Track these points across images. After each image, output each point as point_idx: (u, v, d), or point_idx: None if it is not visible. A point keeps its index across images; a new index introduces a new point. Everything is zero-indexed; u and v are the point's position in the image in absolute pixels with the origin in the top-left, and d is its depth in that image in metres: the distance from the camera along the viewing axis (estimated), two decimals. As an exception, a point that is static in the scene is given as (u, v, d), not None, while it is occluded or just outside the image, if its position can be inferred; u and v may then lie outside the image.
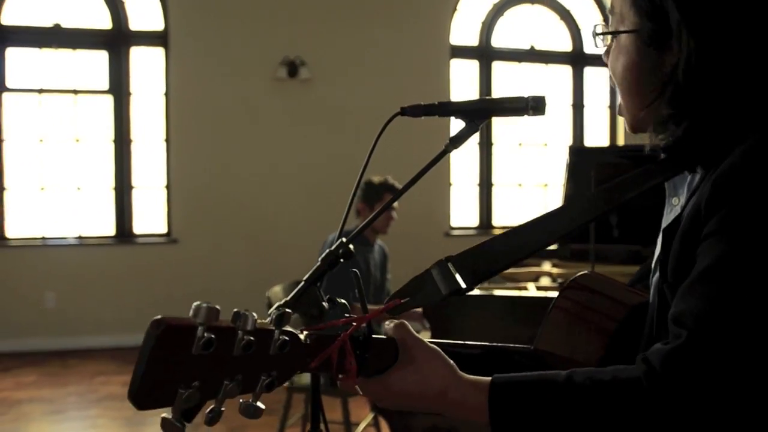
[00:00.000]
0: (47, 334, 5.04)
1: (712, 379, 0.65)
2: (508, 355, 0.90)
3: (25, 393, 4.07)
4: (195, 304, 0.61)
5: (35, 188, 5.26)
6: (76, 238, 5.29)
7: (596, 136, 6.43)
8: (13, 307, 5.02)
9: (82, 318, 5.12)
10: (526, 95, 1.08)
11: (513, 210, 6.22)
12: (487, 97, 1.08)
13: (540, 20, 6.19)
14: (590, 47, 6.23)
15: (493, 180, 6.15)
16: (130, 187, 5.38)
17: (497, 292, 2.44)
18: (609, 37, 0.85)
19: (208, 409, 0.63)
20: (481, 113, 1.08)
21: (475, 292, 2.36)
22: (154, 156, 5.41)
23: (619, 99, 0.89)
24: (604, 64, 0.94)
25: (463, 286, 0.78)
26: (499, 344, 0.90)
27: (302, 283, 1.09)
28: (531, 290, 2.40)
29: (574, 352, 0.85)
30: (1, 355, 4.81)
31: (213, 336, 0.59)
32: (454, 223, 5.98)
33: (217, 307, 0.61)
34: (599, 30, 0.87)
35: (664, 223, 0.84)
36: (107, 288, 5.19)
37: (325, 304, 1.11)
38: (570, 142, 6.34)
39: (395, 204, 3.09)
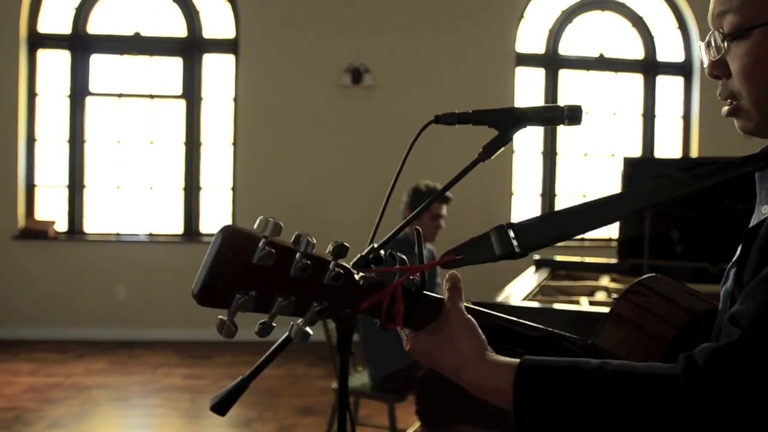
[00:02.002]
0: (117, 325, 5.32)
1: (757, 381, 0.61)
2: (563, 344, 0.87)
3: (93, 379, 4.30)
4: (261, 217, 0.65)
5: (112, 187, 5.56)
6: (147, 235, 5.55)
7: (667, 147, 6.18)
8: (87, 297, 5.32)
9: (150, 311, 5.37)
10: (562, 104, 1.06)
11: (576, 222, 6.06)
12: (522, 106, 1.07)
13: (610, 27, 6.02)
14: (663, 55, 6.04)
15: (556, 190, 6.02)
16: (199, 188, 5.61)
17: (554, 305, 2.38)
18: (723, 44, 0.77)
19: (260, 321, 0.67)
20: (514, 122, 1.07)
21: (527, 304, 2.33)
22: (221, 158, 5.62)
23: (728, 104, 0.82)
24: (679, 73, 0.88)
25: (517, 250, 0.79)
26: (558, 331, 0.88)
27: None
28: (583, 305, 2.34)
29: (630, 354, 0.83)
30: (75, 342, 5.11)
31: (273, 250, 0.63)
32: (514, 233, 5.88)
33: (281, 224, 0.65)
34: (719, 34, 0.77)
35: (751, 223, 0.80)
36: (174, 284, 5.41)
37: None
38: (640, 153, 6.12)
39: (443, 212, 3.08)
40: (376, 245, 1.14)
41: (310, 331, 0.69)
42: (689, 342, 0.81)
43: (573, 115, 1.05)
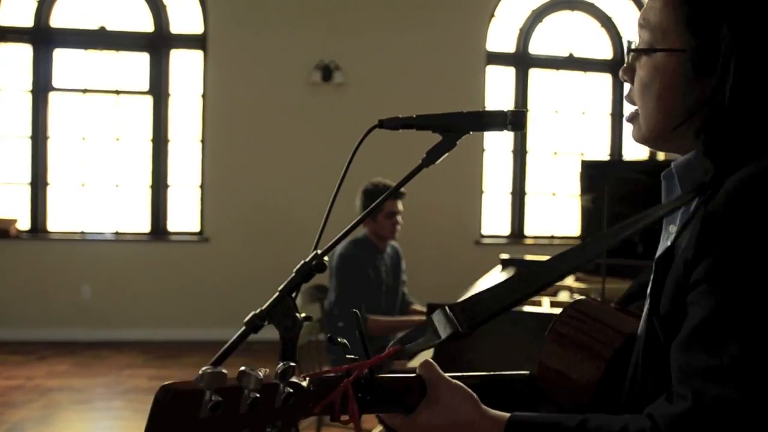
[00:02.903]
0: (82, 325, 5.22)
1: None
2: (506, 384, 0.93)
3: (56, 381, 4.22)
4: (202, 369, 0.63)
5: (76, 184, 5.45)
6: (113, 233, 5.46)
7: (635, 146, 6.26)
8: (51, 297, 5.21)
9: (116, 311, 5.28)
10: (505, 110, 1.06)
11: (545, 219, 6.12)
12: (466, 112, 1.06)
13: (580, 27, 6.07)
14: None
15: (527, 189, 6.06)
16: (166, 186, 5.52)
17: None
18: (633, 54, 0.84)
19: None
20: (458, 128, 1.07)
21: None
22: (189, 156, 5.54)
23: (631, 109, 0.87)
24: None
25: (461, 329, 0.80)
26: (497, 373, 0.94)
27: (276, 293, 1.10)
28: (545, 306, 2.35)
29: (572, 377, 0.87)
30: (37, 343, 5.01)
31: (220, 399, 0.62)
32: (485, 231, 5.92)
33: (224, 371, 0.63)
34: (635, 46, 0.83)
35: (659, 251, 0.83)
36: (140, 283, 5.34)
37: (298, 315, 1.12)
38: (608, 151, 6.20)
39: (399, 208, 3.07)
40: (320, 251, 1.13)
41: None
42: (624, 359, 0.86)
43: (516, 121, 1.05)
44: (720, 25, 0.74)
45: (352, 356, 0.82)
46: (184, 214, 5.57)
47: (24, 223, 5.37)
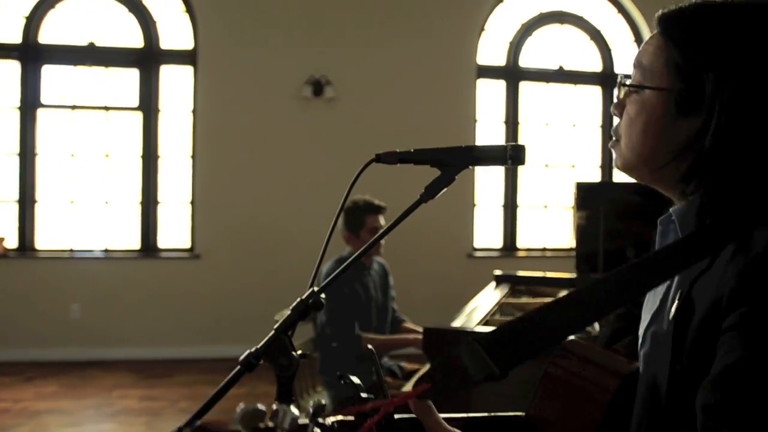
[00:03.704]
0: (71, 345, 5.14)
1: None
2: (502, 425, 0.92)
3: (44, 404, 4.14)
4: (240, 407, 0.63)
5: (65, 201, 5.39)
6: (102, 251, 5.40)
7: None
8: (39, 316, 5.14)
9: (105, 330, 5.21)
10: (505, 144, 1.05)
11: (537, 232, 6.12)
12: (465, 146, 1.05)
13: (569, 40, 6.11)
14: (620, 68, 6.15)
15: (518, 201, 6.07)
16: (156, 203, 5.48)
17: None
18: (626, 89, 0.87)
19: None
20: (457, 162, 1.05)
21: (478, 328, 2.31)
22: (180, 172, 5.50)
23: (615, 140, 0.89)
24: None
25: (497, 372, 0.71)
26: (491, 414, 0.92)
27: (272, 332, 1.07)
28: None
29: (568, 421, 0.87)
30: (25, 364, 4.93)
31: None
32: (477, 244, 5.91)
33: (262, 408, 0.63)
34: (626, 81, 0.87)
35: (653, 303, 0.84)
36: (131, 301, 5.28)
37: (294, 353, 1.09)
38: (599, 163, 6.22)
39: (381, 224, 3.06)
40: (316, 289, 1.10)
41: None
42: (621, 403, 0.85)
43: (516, 155, 1.04)
44: (706, 72, 0.77)
45: (366, 395, 0.81)
46: (175, 231, 5.52)
47: (11, 241, 5.30)
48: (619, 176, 6.08)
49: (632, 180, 0.96)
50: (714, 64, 0.76)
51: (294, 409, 0.66)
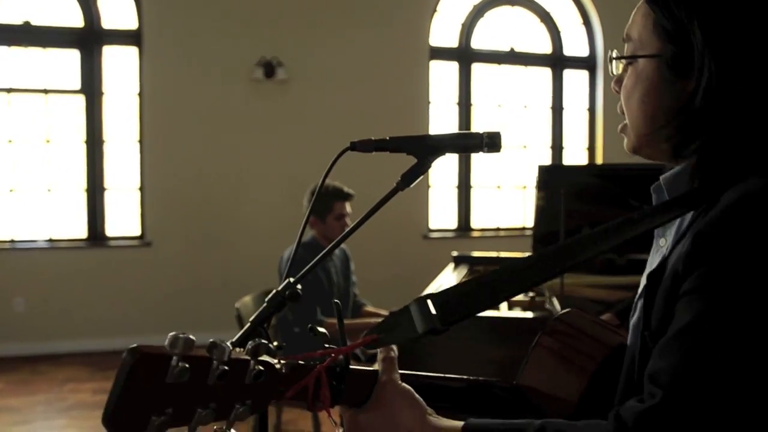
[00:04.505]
0: (16, 340, 4.94)
1: None
2: (489, 390, 0.92)
3: (-9, 402, 3.98)
4: (171, 334, 0.61)
5: (4, 190, 5.13)
6: (46, 241, 5.18)
7: (575, 139, 6.44)
8: (-19, 311, 4.90)
9: (53, 323, 5.03)
10: (481, 131, 1.05)
11: (491, 212, 6.22)
12: (440, 134, 1.04)
13: (520, 22, 6.17)
14: (569, 49, 6.26)
15: (472, 182, 6.14)
16: (103, 189, 5.28)
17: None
18: (622, 64, 0.85)
19: None
20: (432, 150, 1.05)
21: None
22: (127, 157, 5.31)
23: (623, 121, 0.86)
24: (584, 67, 0.91)
25: (440, 326, 0.75)
26: (482, 378, 0.92)
27: (248, 324, 1.05)
28: (502, 310, 2.38)
29: (556, 389, 0.87)
30: (-33, 361, 4.71)
31: (187, 365, 0.60)
32: (432, 225, 5.96)
33: (192, 337, 0.61)
34: (616, 54, 0.85)
35: (650, 266, 0.83)
36: (79, 292, 5.10)
37: (272, 345, 1.07)
38: (549, 143, 6.34)
39: (347, 210, 3.05)
40: (292, 280, 1.08)
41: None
42: (609, 373, 0.86)
43: (492, 142, 1.04)
44: (691, 27, 0.75)
45: (329, 345, 0.80)
46: (123, 218, 5.34)
47: (-53, 233, 5.03)
48: (570, 157, 6.24)
49: (590, 162, 0.94)
50: (699, 18, 0.75)
51: (230, 344, 0.64)
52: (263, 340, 0.68)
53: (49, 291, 5.03)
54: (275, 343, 1.10)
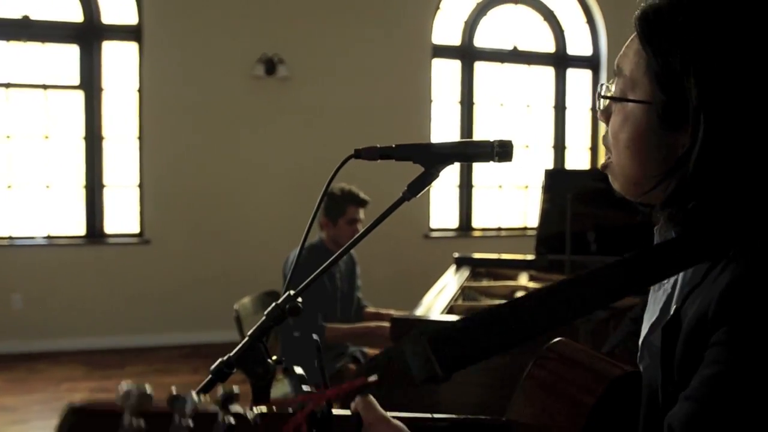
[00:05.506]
0: (13, 337, 4.90)
1: None
2: (477, 428, 0.86)
3: (-13, 401, 3.94)
4: (122, 385, 0.53)
5: (2, 186, 5.09)
6: (44, 237, 5.14)
7: (577, 138, 6.39)
8: (-22, 308, 4.87)
9: (51, 320, 4.99)
10: (491, 139, 1.01)
11: (493, 212, 6.18)
12: (447, 141, 1.00)
13: (523, 21, 6.12)
14: (573, 48, 6.21)
15: (474, 182, 6.10)
16: (102, 186, 5.24)
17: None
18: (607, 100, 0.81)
19: None
20: (440, 159, 1.00)
21: (441, 317, 2.29)
22: (126, 154, 5.27)
23: (607, 156, 0.83)
24: (587, 66, 0.87)
25: (441, 374, 0.68)
26: (469, 417, 0.87)
27: (246, 339, 1.01)
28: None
29: (550, 425, 0.82)
30: (-36, 359, 4.67)
31: (143, 423, 0.52)
32: (433, 224, 5.92)
33: (149, 392, 0.53)
34: (605, 92, 0.81)
35: (651, 314, 0.81)
36: (77, 289, 5.06)
37: (270, 360, 1.04)
38: (552, 143, 6.30)
39: (360, 216, 3.00)
40: (292, 293, 1.05)
41: None
42: (607, 407, 0.82)
43: (503, 152, 1.00)
44: (686, 78, 0.69)
45: (308, 388, 0.74)
46: (122, 216, 5.30)
47: (-56, 229, 4.99)
48: (573, 157, 6.18)
49: (593, 167, 0.91)
50: (696, 70, 0.68)
51: (195, 396, 0.57)
52: (234, 389, 0.61)
53: (47, 288, 4.99)
54: (274, 357, 1.06)
